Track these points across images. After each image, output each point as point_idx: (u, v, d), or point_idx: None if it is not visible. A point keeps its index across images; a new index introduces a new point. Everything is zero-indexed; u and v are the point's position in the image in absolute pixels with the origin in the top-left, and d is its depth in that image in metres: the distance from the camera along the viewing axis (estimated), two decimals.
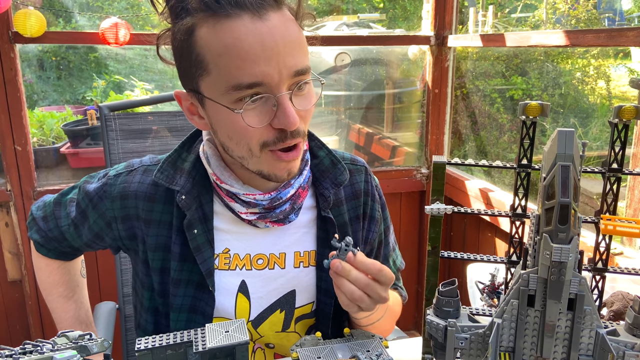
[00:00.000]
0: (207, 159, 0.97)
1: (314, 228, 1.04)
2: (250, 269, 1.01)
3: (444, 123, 2.49)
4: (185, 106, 0.94)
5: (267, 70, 0.81)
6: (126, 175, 1.02)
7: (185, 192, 0.96)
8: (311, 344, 0.84)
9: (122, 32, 1.89)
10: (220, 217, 1.00)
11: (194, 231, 0.96)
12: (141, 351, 0.68)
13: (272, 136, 0.86)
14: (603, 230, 0.73)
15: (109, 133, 1.52)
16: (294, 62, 0.83)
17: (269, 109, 0.84)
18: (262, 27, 0.81)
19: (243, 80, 0.81)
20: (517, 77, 2.80)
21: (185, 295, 0.98)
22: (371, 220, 1.10)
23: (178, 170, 0.98)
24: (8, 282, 2.11)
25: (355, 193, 1.08)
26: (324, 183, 1.02)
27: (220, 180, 0.95)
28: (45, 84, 3.10)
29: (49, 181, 2.12)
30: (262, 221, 0.98)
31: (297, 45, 0.85)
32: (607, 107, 2.73)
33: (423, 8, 2.43)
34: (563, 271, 0.57)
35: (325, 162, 1.03)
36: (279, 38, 0.81)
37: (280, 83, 0.83)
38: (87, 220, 1.05)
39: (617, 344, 0.61)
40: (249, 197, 0.95)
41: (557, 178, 0.56)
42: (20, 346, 0.69)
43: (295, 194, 0.99)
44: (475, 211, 0.80)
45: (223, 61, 0.82)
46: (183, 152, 1.01)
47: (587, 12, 2.77)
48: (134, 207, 1.00)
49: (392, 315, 1.10)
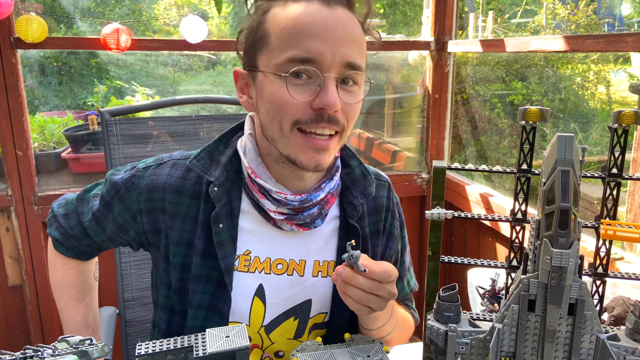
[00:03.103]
0: (244, 152, 0.99)
1: (335, 238, 1.04)
2: (269, 272, 1.00)
3: (444, 128, 2.49)
4: (239, 85, 0.98)
5: (322, 50, 0.85)
6: (155, 168, 1.02)
7: (219, 184, 0.96)
8: (312, 349, 0.84)
9: (123, 37, 1.90)
10: (247, 216, 1.00)
11: (219, 225, 0.97)
12: (141, 356, 0.68)
13: (308, 115, 0.88)
14: (603, 235, 0.73)
15: (110, 138, 1.53)
16: (348, 52, 0.87)
17: (314, 88, 0.87)
18: (327, 13, 0.87)
19: (298, 54, 0.86)
20: (517, 82, 2.80)
21: (204, 293, 0.98)
22: (389, 236, 1.10)
23: (214, 162, 0.99)
24: (9, 287, 2.11)
25: (378, 208, 1.08)
26: (354, 192, 1.03)
27: (255, 175, 0.96)
28: (46, 89, 3.11)
29: (50, 186, 2.12)
30: (288, 223, 0.98)
31: (355, 41, 0.89)
32: (607, 112, 2.74)
33: (423, 14, 2.44)
34: (563, 276, 0.57)
35: (356, 172, 1.05)
36: (340, 26, 0.87)
37: (331, 65, 0.86)
38: (111, 212, 1.04)
39: (618, 349, 0.61)
40: (280, 195, 0.96)
41: (557, 183, 0.56)
42: (21, 351, 0.69)
43: (324, 199, 1.00)
44: (476, 216, 0.80)
45: (284, 33, 0.87)
46: (221, 145, 1.02)
47: (587, 17, 2.78)
48: (160, 199, 1.00)
49: (404, 330, 1.09)
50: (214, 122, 1.65)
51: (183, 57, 3.37)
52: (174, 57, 3.33)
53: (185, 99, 1.80)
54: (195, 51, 2.21)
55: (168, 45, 2.16)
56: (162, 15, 3.46)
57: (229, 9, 3.30)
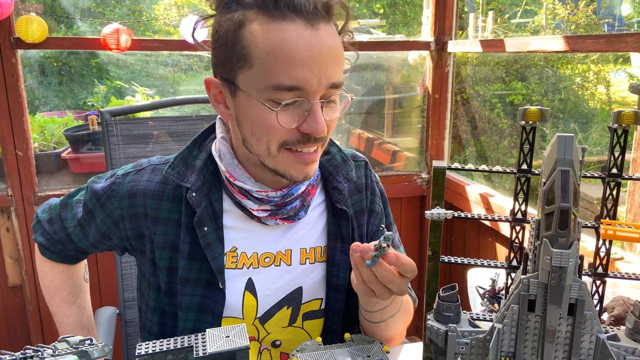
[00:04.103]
0: (219, 157, 0.99)
1: (321, 224, 1.06)
2: (257, 267, 1.02)
3: (444, 128, 2.49)
4: (212, 94, 0.96)
5: (309, 77, 0.84)
6: (134, 175, 1.03)
7: (196, 189, 0.97)
8: (312, 349, 0.84)
9: (123, 37, 1.90)
10: (230, 215, 1.01)
11: (204, 228, 0.97)
12: (142, 356, 0.68)
13: (294, 137, 0.89)
14: (603, 235, 0.73)
15: (110, 138, 1.53)
16: (333, 74, 0.87)
17: (301, 112, 0.87)
18: (312, 35, 0.84)
19: (285, 82, 0.84)
20: (517, 82, 2.80)
21: (193, 294, 0.99)
22: (371, 213, 1.11)
23: (189, 167, 0.99)
24: (9, 287, 2.11)
25: (358, 187, 1.10)
26: (337, 177, 1.05)
27: (234, 178, 0.97)
28: (46, 90, 3.11)
29: (50, 186, 2.12)
30: (272, 218, 0.99)
31: (337, 59, 0.89)
32: (607, 112, 2.74)
33: (423, 14, 2.44)
34: (563, 276, 0.57)
35: (337, 158, 1.07)
36: (325, 48, 0.85)
37: (317, 91, 0.86)
38: (94, 220, 1.05)
39: (618, 349, 0.61)
40: (261, 194, 0.97)
41: (557, 183, 0.56)
42: (21, 351, 0.69)
43: (305, 191, 1.01)
44: (476, 216, 0.80)
45: (269, 59, 0.84)
46: (194, 150, 1.02)
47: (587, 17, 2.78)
48: (142, 205, 1.00)
49: (405, 314, 1.07)
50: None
51: (183, 57, 3.37)
52: (174, 57, 3.33)
53: (185, 99, 1.80)
54: (195, 51, 2.21)
55: (168, 46, 2.16)
56: (162, 15, 3.46)
57: None
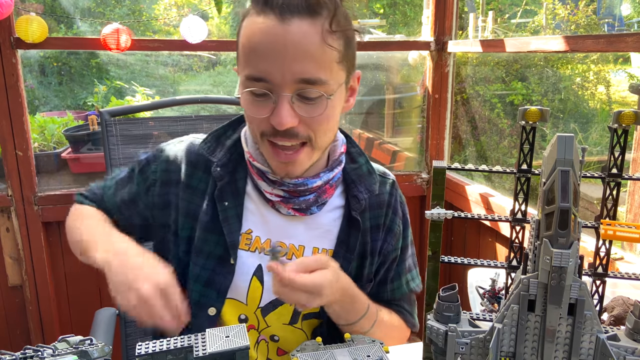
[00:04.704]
0: (246, 139, 1.05)
1: (336, 228, 1.07)
2: (269, 253, 1.03)
3: (444, 128, 2.49)
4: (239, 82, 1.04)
5: (270, 70, 0.88)
6: (177, 144, 1.11)
7: (221, 164, 1.03)
8: (312, 349, 0.84)
9: (123, 37, 1.90)
10: (250, 198, 1.05)
11: (224, 203, 1.02)
12: (141, 356, 0.68)
13: (269, 128, 0.93)
14: (603, 235, 0.73)
15: (110, 138, 1.53)
16: (301, 69, 0.87)
17: (269, 104, 0.90)
18: (278, 30, 0.86)
19: (251, 73, 0.90)
20: (517, 82, 2.80)
21: (204, 268, 1.01)
22: (389, 232, 1.12)
23: (220, 145, 1.06)
24: (9, 287, 2.11)
25: (379, 203, 1.11)
26: (359, 187, 1.08)
27: (253, 158, 1.02)
28: (46, 90, 3.11)
29: (50, 186, 2.12)
30: (285, 206, 1.02)
31: (310, 55, 0.88)
32: (607, 112, 2.74)
33: (423, 14, 2.44)
34: (563, 276, 0.57)
35: (363, 169, 1.10)
36: (290, 44, 0.86)
37: (283, 84, 0.88)
38: (131, 181, 1.11)
39: (618, 349, 0.61)
40: (276, 176, 1.00)
41: (557, 183, 0.56)
42: (21, 351, 0.69)
43: (322, 188, 1.03)
44: (476, 216, 0.80)
45: (243, 51, 0.92)
46: (229, 130, 1.09)
47: (587, 17, 2.78)
48: (177, 171, 1.06)
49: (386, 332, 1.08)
50: (214, 122, 1.65)
51: (183, 58, 3.38)
52: (174, 58, 3.33)
53: (185, 99, 1.80)
54: (195, 51, 2.21)
55: (168, 46, 2.16)
56: (162, 15, 3.46)
57: (229, 9, 3.30)
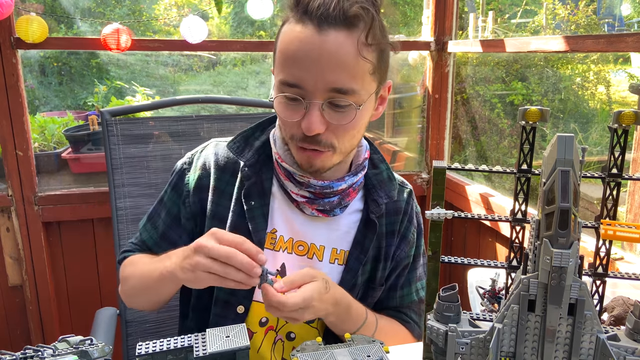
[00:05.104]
0: (274, 140, 1.08)
1: (354, 230, 1.11)
2: (291, 252, 1.08)
3: (444, 128, 2.49)
4: None
5: (304, 77, 0.91)
6: (201, 152, 1.15)
7: (250, 164, 1.07)
8: (312, 349, 0.84)
9: (123, 37, 1.90)
10: (276, 198, 1.08)
11: (251, 202, 1.06)
12: (142, 356, 0.68)
13: (299, 133, 0.96)
14: (603, 235, 0.73)
15: (110, 138, 1.53)
16: (333, 78, 0.91)
17: (301, 109, 0.94)
18: (315, 40, 0.90)
19: (286, 78, 0.94)
20: (517, 82, 2.80)
21: None
22: (403, 239, 1.15)
23: (248, 145, 1.10)
24: (9, 287, 2.11)
25: (396, 210, 1.15)
26: (379, 192, 1.11)
27: (281, 159, 1.05)
28: (46, 90, 3.11)
29: (50, 186, 2.12)
30: (309, 207, 1.05)
31: (343, 66, 0.91)
32: (607, 112, 2.74)
33: (423, 14, 2.44)
34: (563, 276, 0.57)
35: (384, 175, 1.13)
36: (325, 54, 0.90)
37: (315, 91, 0.92)
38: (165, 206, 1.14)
39: (618, 349, 0.61)
40: (303, 178, 1.03)
41: (557, 183, 0.56)
42: (21, 351, 0.69)
43: (345, 191, 1.07)
44: (476, 216, 0.80)
45: (280, 57, 0.95)
46: (257, 131, 1.12)
47: (587, 17, 2.78)
48: (207, 176, 1.10)
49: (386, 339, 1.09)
50: (214, 122, 1.65)
51: (183, 57, 3.37)
52: (174, 57, 3.33)
53: (185, 99, 1.80)
54: (196, 51, 2.21)
55: (168, 46, 2.16)
56: (162, 15, 3.46)
57: (229, 9, 3.30)
